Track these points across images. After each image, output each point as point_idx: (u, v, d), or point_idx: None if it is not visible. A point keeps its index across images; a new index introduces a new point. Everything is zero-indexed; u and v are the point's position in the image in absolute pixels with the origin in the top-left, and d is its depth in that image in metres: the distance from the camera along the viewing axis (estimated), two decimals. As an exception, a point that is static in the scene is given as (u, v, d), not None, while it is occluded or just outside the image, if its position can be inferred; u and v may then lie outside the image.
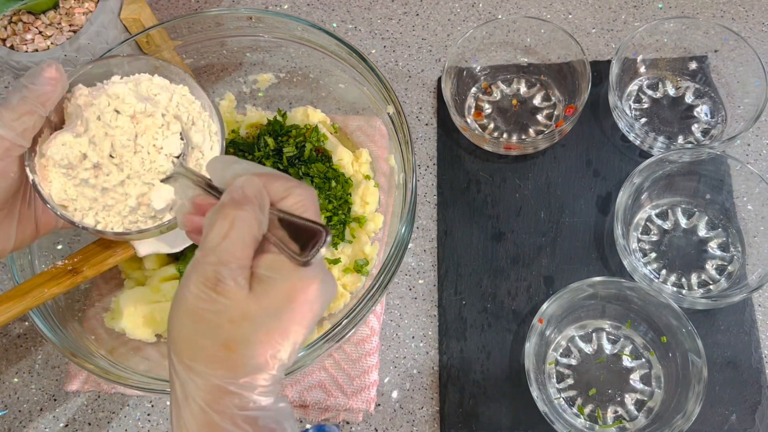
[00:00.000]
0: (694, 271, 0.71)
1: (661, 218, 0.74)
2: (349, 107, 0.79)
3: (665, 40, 0.79)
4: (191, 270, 0.38)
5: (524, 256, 0.74)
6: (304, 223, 0.39)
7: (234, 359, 0.37)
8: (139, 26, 0.74)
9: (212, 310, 0.37)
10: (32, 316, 0.60)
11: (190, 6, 0.93)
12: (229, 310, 0.37)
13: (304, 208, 0.40)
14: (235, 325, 0.37)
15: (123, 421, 0.71)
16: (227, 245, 0.37)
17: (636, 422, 0.65)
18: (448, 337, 0.71)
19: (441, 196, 0.78)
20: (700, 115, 0.78)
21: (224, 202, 0.39)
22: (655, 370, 0.67)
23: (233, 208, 0.38)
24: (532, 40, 0.81)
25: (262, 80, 0.80)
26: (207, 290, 0.37)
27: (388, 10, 0.90)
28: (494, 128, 0.80)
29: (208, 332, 0.37)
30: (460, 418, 0.68)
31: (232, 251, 0.37)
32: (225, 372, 0.37)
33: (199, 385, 0.37)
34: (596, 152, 0.78)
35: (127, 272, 0.71)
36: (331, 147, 0.74)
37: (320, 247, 0.37)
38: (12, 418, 0.72)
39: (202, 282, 0.37)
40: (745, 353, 0.68)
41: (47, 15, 0.74)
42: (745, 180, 0.71)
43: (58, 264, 0.59)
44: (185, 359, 0.37)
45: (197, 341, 0.37)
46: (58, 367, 0.74)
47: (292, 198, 0.40)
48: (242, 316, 0.37)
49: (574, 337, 0.69)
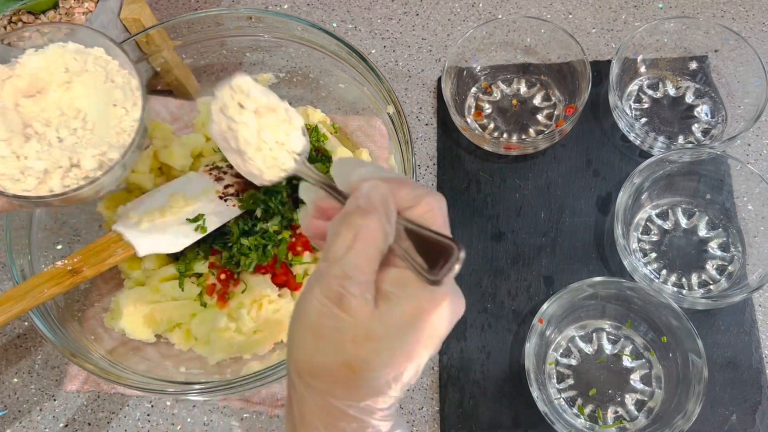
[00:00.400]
0: (695, 271, 0.71)
1: (662, 218, 0.74)
2: (349, 107, 0.79)
3: (665, 40, 0.79)
4: (314, 281, 0.36)
5: (524, 256, 0.74)
6: (435, 236, 0.36)
7: (355, 380, 0.35)
8: (139, 26, 0.74)
9: (335, 327, 0.35)
10: (32, 316, 0.60)
11: (190, 6, 0.93)
12: (352, 327, 0.34)
13: (433, 219, 0.37)
14: (358, 344, 0.34)
15: (123, 421, 0.71)
16: (352, 257, 0.35)
17: (636, 422, 0.65)
18: (448, 337, 0.71)
19: (441, 196, 0.78)
20: (701, 115, 0.78)
21: (349, 209, 0.36)
22: (655, 370, 0.67)
23: (358, 216, 0.35)
24: (532, 40, 0.81)
25: (262, 80, 0.80)
26: (330, 305, 0.35)
27: (388, 10, 0.90)
28: (494, 128, 0.80)
29: (329, 350, 0.35)
30: (460, 418, 0.68)
31: (356, 264, 0.35)
32: (345, 393, 0.35)
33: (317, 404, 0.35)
34: (596, 152, 0.78)
35: (127, 272, 0.71)
36: (331, 147, 0.74)
37: (453, 266, 0.35)
38: (12, 418, 0.72)
39: (325, 296, 0.35)
40: (745, 353, 0.68)
41: (47, 15, 0.74)
42: (745, 180, 0.71)
43: (58, 264, 0.59)
44: (305, 376, 0.35)
45: (318, 358, 0.35)
46: (58, 367, 0.74)
47: (420, 207, 0.37)
48: (366, 335, 0.34)
49: (575, 337, 0.69)
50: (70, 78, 0.51)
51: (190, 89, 0.81)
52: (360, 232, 0.35)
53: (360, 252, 0.35)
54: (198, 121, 0.77)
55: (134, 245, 0.62)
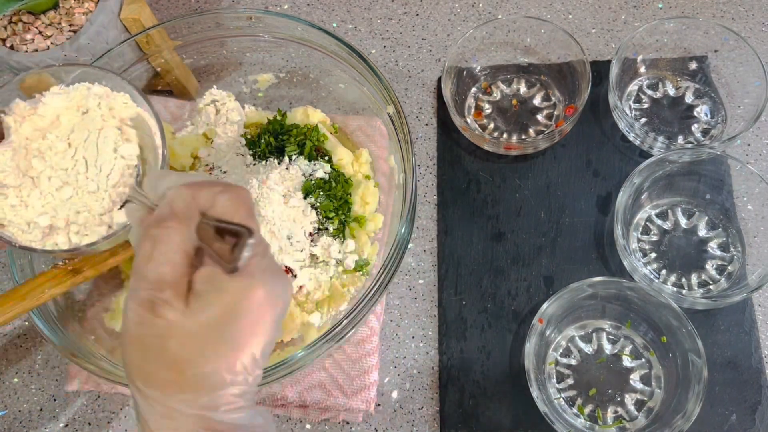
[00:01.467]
0: (694, 271, 0.71)
1: (661, 218, 0.74)
2: (349, 107, 0.79)
3: (665, 40, 0.79)
4: (129, 297, 0.37)
5: (524, 256, 0.74)
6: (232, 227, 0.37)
7: (186, 380, 0.35)
8: (139, 26, 0.74)
9: (154, 334, 0.36)
10: (32, 316, 0.60)
11: (190, 6, 0.93)
12: (169, 330, 0.35)
13: (234, 212, 0.38)
14: (179, 344, 0.35)
15: (123, 421, 0.71)
16: (153, 266, 0.36)
17: (636, 422, 0.65)
18: (448, 337, 0.71)
19: (441, 196, 0.78)
20: (700, 115, 0.78)
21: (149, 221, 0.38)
22: (655, 370, 0.67)
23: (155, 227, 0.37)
24: (532, 40, 0.81)
25: (262, 80, 0.80)
26: (144, 313, 0.36)
27: (388, 10, 0.90)
28: (494, 128, 0.80)
29: (154, 357, 0.36)
30: (460, 418, 0.68)
31: (160, 272, 0.36)
32: (182, 395, 0.35)
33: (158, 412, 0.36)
34: (596, 152, 0.78)
35: (127, 272, 0.71)
36: (331, 147, 0.74)
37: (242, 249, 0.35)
38: (12, 418, 0.72)
39: (139, 307, 0.36)
40: (745, 353, 0.68)
41: (47, 15, 0.74)
42: (745, 180, 0.71)
43: (58, 264, 0.59)
44: (140, 386, 0.36)
45: (146, 367, 0.36)
46: (58, 367, 0.74)
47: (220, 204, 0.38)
48: (184, 335, 0.35)
49: (574, 337, 0.69)
50: (87, 126, 0.50)
51: (190, 89, 0.81)
52: (157, 240, 0.36)
53: (160, 259, 0.36)
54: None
55: (134, 245, 0.62)
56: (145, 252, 0.37)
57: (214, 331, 0.36)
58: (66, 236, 0.49)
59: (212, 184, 0.39)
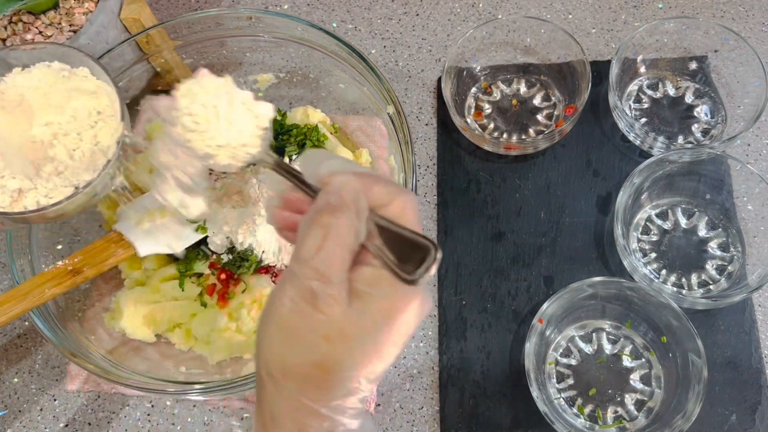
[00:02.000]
0: (694, 271, 0.71)
1: (661, 218, 0.74)
2: (349, 107, 0.79)
3: (665, 40, 0.79)
4: (286, 282, 0.35)
5: (524, 256, 0.74)
6: (411, 235, 0.35)
7: (327, 380, 0.34)
8: (139, 26, 0.74)
9: (310, 328, 0.34)
10: (32, 316, 0.60)
11: (190, 6, 0.93)
12: (326, 327, 0.34)
13: (406, 218, 0.36)
14: (331, 344, 0.34)
15: (123, 421, 0.71)
16: (323, 257, 0.34)
17: (636, 422, 0.65)
18: (448, 337, 0.71)
19: (441, 196, 0.78)
20: (700, 115, 0.78)
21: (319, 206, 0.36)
22: (655, 370, 0.67)
23: (328, 214, 0.35)
24: (532, 40, 0.81)
25: (262, 80, 0.80)
26: (304, 305, 0.34)
27: (388, 10, 0.90)
28: (494, 128, 0.80)
29: (302, 350, 0.34)
30: (460, 418, 0.68)
31: (329, 263, 0.34)
32: (317, 393, 0.34)
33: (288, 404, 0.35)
34: (596, 152, 0.78)
35: (127, 272, 0.71)
36: (331, 147, 0.74)
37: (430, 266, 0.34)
38: (12, 418, 0.72)
39: (298, 295, 0.34)
40: (745, 353, 0.68)
41: (47, 15, 0.74)
42: (745, 180, 0.71)
43: (58, 264, 0.60)
44: (276, 376, 0.35)
45: (290, 358, 0.35)
46: (58, 367, 0.74)
47: (394, 205, 0.36)
48: (339, 334, 0.34)
49: (574, 337, 0.69)
50: (50, 99, 0.51)
51: (190, 89, 0.81)
52: (330, 230, 0.34)
53: (331, 251, 0.34)
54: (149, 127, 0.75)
55: (135, 245, 0.62)
56: (316, 240, 0.34)
57: (369, 337, 0.35)
58: (34, 200, 0.49)
59: (386, 182, 0.37)
